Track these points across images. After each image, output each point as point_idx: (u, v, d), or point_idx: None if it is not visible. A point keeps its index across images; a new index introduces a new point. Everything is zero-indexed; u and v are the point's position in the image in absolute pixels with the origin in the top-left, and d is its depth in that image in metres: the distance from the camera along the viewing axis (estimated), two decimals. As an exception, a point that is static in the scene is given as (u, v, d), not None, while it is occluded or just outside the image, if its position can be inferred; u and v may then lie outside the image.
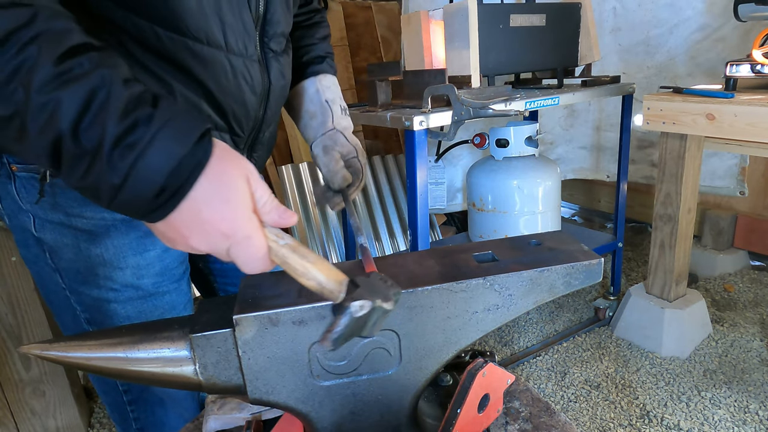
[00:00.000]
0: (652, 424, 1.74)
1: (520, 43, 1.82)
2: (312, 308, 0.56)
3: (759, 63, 1.61)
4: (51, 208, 0.77)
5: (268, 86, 0.85)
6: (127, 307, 0.84)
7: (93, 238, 0.79)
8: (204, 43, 0.71)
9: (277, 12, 0.82)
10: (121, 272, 0.82)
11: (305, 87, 1.01)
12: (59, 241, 0.79)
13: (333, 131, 0.98)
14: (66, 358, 0.57)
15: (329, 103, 1.00)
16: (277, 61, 0.85)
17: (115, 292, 0.82)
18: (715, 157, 2.39)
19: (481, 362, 0.66)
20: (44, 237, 0.79)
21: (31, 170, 0.76)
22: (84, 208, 0.77)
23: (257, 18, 0.79)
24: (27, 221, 0.78)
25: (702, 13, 2.23)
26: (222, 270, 1.06)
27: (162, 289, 0.86)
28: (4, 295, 1.62)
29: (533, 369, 2.09)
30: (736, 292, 2.50)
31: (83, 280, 0.81)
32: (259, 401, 0.59)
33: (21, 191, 0.77)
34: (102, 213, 0.79)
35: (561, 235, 0.71)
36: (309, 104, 1.01)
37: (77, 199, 0.77)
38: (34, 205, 0.77)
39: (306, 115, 1.01)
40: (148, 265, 0.84)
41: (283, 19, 0.85)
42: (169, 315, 0.88)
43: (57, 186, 0.76)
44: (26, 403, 1.74)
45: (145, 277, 0.84)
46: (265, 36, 0.82)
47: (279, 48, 0.85)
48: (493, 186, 2.15)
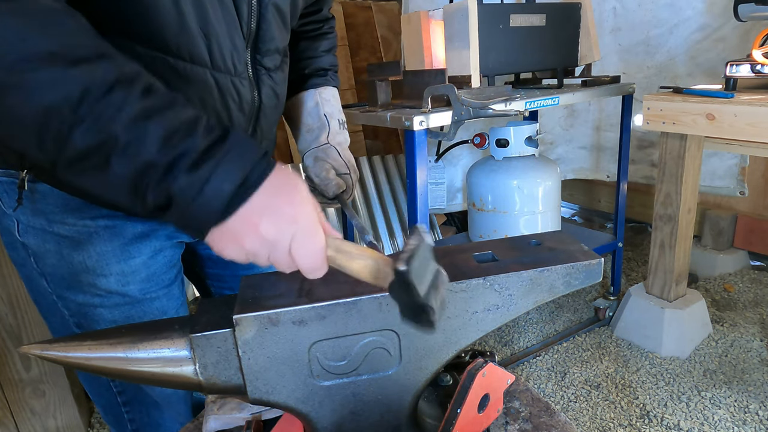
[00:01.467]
0: (652, 424, 1.74)
1: (520, 43, 1.82)
2: (312, 308, 0.56)
3: (759, 63, 1.61)
4: (33, 213, 0.76)
5: (258, 104, 0.82)
6: (114, 312, 0.82)
7: (75, 244, 0.78)
8: (187, 61, 0.69)
9: (271, 28, 0.78)
10: (104, 279, 0.80)
11: (304, 99, 1.00)
12: (42, 246, 0.78)
13: (327, 145, 0.98)
14: (66, 358, 0.57)
15: (327, 117, 0.99)
16: (270, 78, 0.83)
17: (101, 297, 0.81)
18: (715, 157, 2.39)
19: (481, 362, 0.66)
20: (28, 242, 0.78)
21: (12, 175, 0.74)
22: (65, 215, 0.76)
23: (249, 35, 0.76)
24: (12, 225, 0.78)
25: (702, 13, 2.23)
26: (218, 275, 1.05)
27: (150, 295, 0.85)
28: (4, 295, 1.61)
29: (533, 369, 2.09)
30: (736, 292, 2.50)
31: (68, 286, 0.80)
32: (259, 401, 0.59)
33: (2, 196, 0.76)
34: (84, 219, 0.77)
35: (561, 235, 0.71)
36: (307, 117, 1.00)
37: (58, 204, 0.75)
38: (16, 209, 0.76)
39: (303, 128, 1.01)
40: (133, 272, 0.82)
41: (279, 35, 0.81)
42: None
43: (37, 192, 0.74)
44: (26, 403, 1.73)
45: (131, 284, 0.82)
46: (258, 53, 0.79)
47: (273, 65, 0.83)
48: (493, 186, 2.14)
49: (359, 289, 0.58)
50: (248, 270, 1.05)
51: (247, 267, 1.05)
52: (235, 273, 1.03)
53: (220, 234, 0.53)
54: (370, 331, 0.58)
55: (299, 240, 0.52)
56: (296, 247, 0.52)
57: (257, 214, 0.52)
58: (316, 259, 0.53)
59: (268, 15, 0.77)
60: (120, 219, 0.80)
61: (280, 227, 0.52)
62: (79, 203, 0.76)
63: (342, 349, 0.58)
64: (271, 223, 0.52)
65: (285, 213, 0.52)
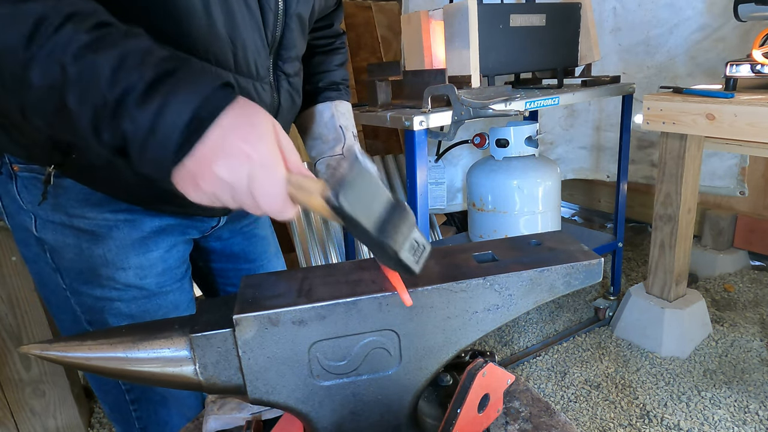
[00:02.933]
0: (652, 424, 1.74)
1: (520, 43, 1.82)
2: (312, 308, 0.56)
3: (759, 63, 1.61)
4: (52, 208, 0.77)
5: (277, 107, 0.85)
6: (131, 306, 0.84)
7: (95, 238, 0.79)
8: (212, 63, 0.71)
9: (293, 35, 0.81)
10: (123, 273, 0.82)
11: (320, 111, 1.02)
12: (61, 241, 0.79)
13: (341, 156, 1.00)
14: (66, 358, 0.57)
15: (343, 129, 1.02)
16: (289, 83, 0.86)
17: (119, 291, 0.83)
18: (715, 157, 2.39)
19: (481, 362, 0.66)
20: (45, 237, 0.79)
21: (33, 170, 0.76)
22: (86, 209, 0.78)
23: (273, 42, 0.79)
24: (28, 221, 0.79)
25: (702, 13, 2.23)
26: (222, 270, 1.07)
27: (165, 289, 0.87)
28: (4, 295, 1.62)
29: (533, 369, 2.09)
30: (736, 292, 2.50)
31: (85, 280, 0.81)
32: (259, 401, 0.59)
33: (22, 191, 0.77)
34: (104, 213, 0.79)
35: (561, 235, 0.71)
36: (323, 128, 1.02)
37: (79, 199, 0.77)
38: (35, 205, 0.77)
39: (318, 138, 1.02)
40: (151, 266, 0.84)
41: (299, 43, 0.85)
42: (173, 314, 0.88)
43: (59, 187, 0.76)
44: (26, 403, 1.73)
45: (148, 277, 0.84)
46: (280, 59, 0.82)
47: (293, 71, 0.86)
48: (493, 186, 2.15)
49: (359, 289, 0.58)
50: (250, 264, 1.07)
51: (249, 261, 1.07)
52: (237, 267, 1.06)
53: (180, 177, 0.51)
54: (370, 331, 0.58)
55: (257, 179, 0.50)
56: (255, 186, 0.50)
57: (211, 153, 0.49)
58: (277, 198, 0.51)
59: (291, 24, 0.80)
60: (139, 213, 0.82)
61: (234, 167, 0.49)
62: (100, 197, 0.78)
63: (342, 349, 0.58)
64: (225, 162, 0.49)
65: (239, 151, 0.49)
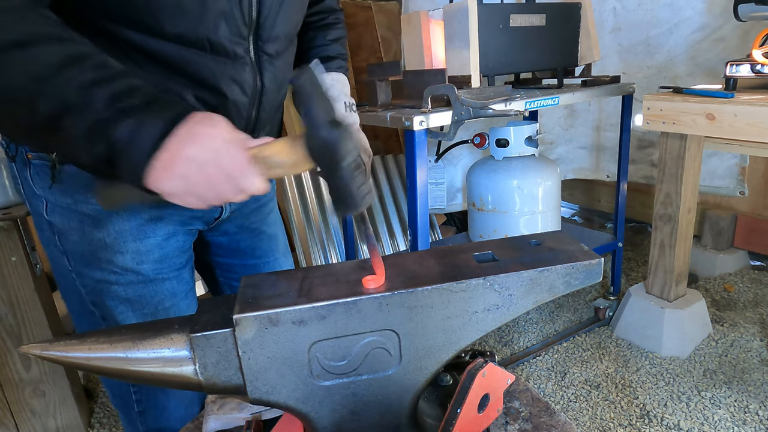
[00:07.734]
0: (652, 424, 1.74)
1: (520, 43, 1.82)
2: (312, 308, 0.56)
3: (759, 63, 1.61)
4: (60, 193, 0.81)
5: (261, 89, 0.84)
6: (128, 290, 0.86)
7: (96, 222, 0.82)
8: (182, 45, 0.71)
9: (272, 14, 0.80)
10: (121, 256, 0.84)
11: None
12: (66, 224, 0.83)
13: None
14: (66, 358, 0.57)
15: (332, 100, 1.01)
16: (272, 64, 0.84)
17: (116, 275, 0.85)
18: (715, 157, 2.39)
19: (481, 362, 0.66)
20: (54, 220, 0.83)
21: (42, 158, 0.79)
22: (89, 194, 0.81)
23: (250, 21, 0.77)
24: (40, 205, 0.83)
25: (702, 13, 2.23)
26: (227, 265, 1.08)
27: (162, 276, 0.89)
28: (4, 295, 1.62)
29: (533, 369, 2.09)
30: (736, 292, 2.50)
31: (87, 263, 0.84)
32: (259, 401, 0.59)
33: (35, 177, 0.81)
34: None
35: (561, 235, 0.71)
36: None
37: (83, 185, 0.80)
38: (46, 189, 0.81)
39: None
40: (147, 251, 0.86)
41: (285, 20, 0.83)
42: (170, 302, 0.90)
43: (65, 172, 0.79)
44: (26, 403, 1.74)
45: (145, 263, 0.87)
46: (260, 39, 0.80)
47: (275, 50, 0.84)
48: (493, 186, 2.15)
49: (359, 289, 0.58)
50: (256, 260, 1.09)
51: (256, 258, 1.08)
52: (243, 262, 1.07)
53: (155, 171, 0.59)
54: (370, 331, 0.58)
55: (223, 151, 0.60)
56: (222, 158, 0.60)
57: (181, 142, 0.59)
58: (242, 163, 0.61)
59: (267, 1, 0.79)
60: None
61: (202, 145, 0.60)
62: None
63: (342, 349, 0.58)
64: (193, 144, 0.60)
65: (204, 134, 0.60)
